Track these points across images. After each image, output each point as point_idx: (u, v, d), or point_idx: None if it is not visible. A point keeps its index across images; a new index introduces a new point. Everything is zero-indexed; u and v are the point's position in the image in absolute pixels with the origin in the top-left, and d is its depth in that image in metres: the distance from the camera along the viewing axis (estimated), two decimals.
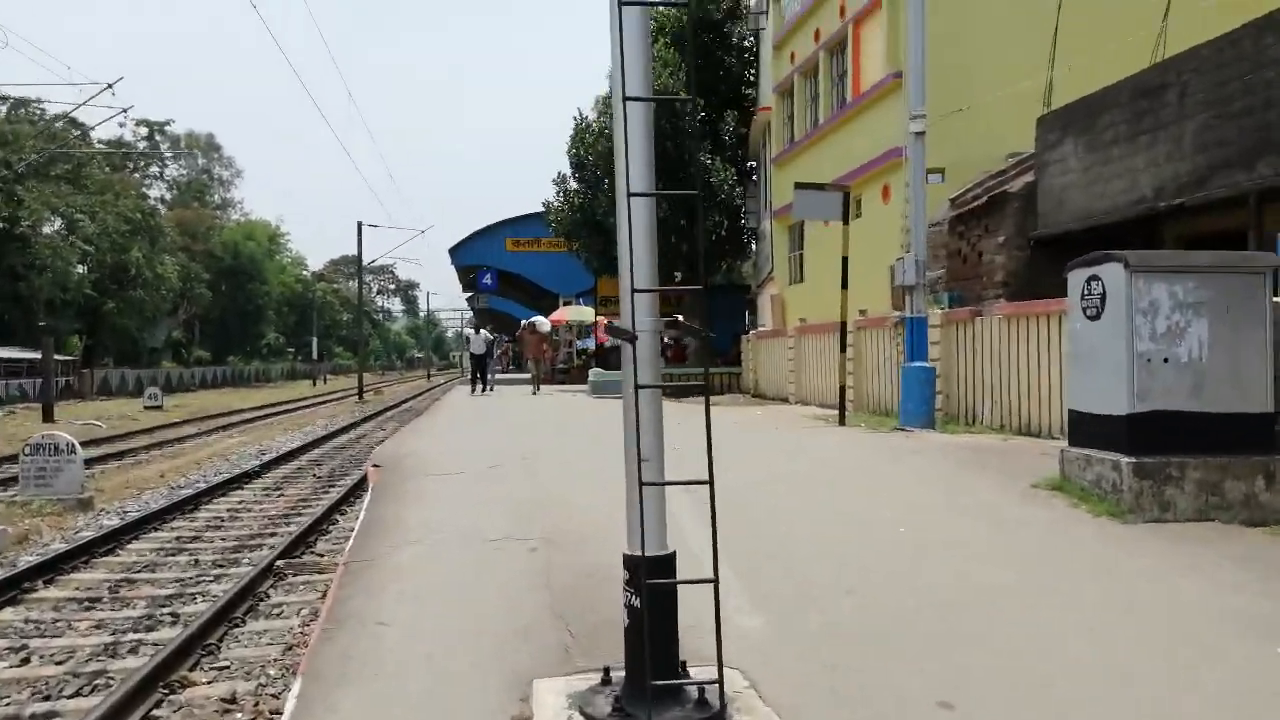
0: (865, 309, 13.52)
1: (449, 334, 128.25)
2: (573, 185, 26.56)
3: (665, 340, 32.73)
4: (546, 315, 33.61)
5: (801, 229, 19.47)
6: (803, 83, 19.46)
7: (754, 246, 28.36)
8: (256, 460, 15.01)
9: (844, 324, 11.42)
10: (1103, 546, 5.11)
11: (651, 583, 2.91)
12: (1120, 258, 5.81)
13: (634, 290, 2.91)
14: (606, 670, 3.30)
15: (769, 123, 21.71)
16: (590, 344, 36.71)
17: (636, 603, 3.05)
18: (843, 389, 11.56)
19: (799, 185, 11.23)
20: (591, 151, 24.73)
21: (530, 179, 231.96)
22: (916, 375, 10.27)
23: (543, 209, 28.85)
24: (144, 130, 63.84)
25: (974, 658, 3.50)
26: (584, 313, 34.49)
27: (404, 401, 33.55)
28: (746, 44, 24.85)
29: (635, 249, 2.91)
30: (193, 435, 21.08)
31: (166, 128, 67.62)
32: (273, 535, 8.98)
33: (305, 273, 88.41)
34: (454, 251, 40.26)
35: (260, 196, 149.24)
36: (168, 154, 71.42)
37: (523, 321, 28.10)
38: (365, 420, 24.33)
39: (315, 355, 63.57)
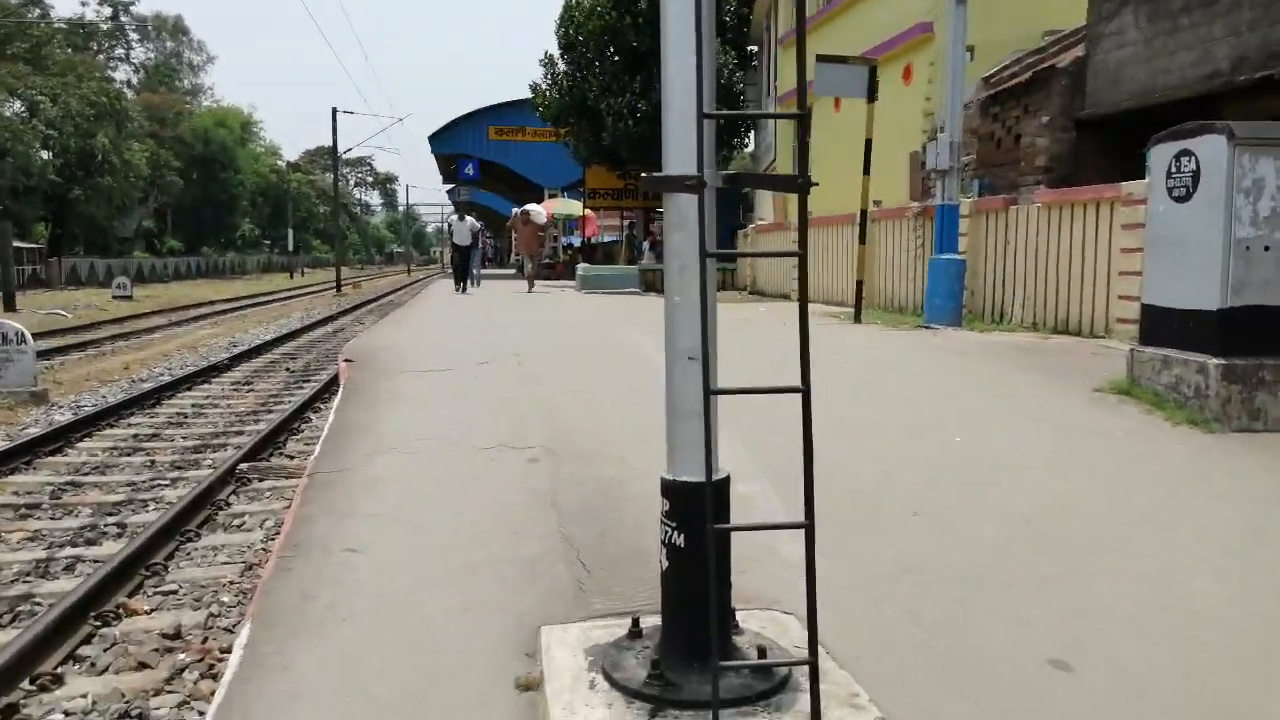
0: (880, 200, 12.57)
1: (429, 229, 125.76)
2: (561, 68, 25.01)
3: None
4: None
5: (810, 115, 18.26)
6: None
7: (752, 136, 27.08)
8: (226, 353, 14.12)
9: (864, 213, 10.49)
10: (1193, 460, 4.41)
11: (718, 528, 2.12)
12: (1222, 128, 4.97)
13: (702, 115, 1.99)
14: (635, 620, 2.57)
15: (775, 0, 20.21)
16: (576, 240, 35.48)
17: (680, 541, 2.28)
18: (860, 284, 10.70)
19: (821, 58, 10.13)
20: (582, 31, 23.13)
21: (516, 64, 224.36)
22: (946, 268, 9.41)
23: (529, 94, 27.30)
24: (108, 10, 60.42)
25: (1083, 601, 2.81)
26: (571, 206, 33.16)
27: (384, 296, 32.55)
28: None
29: (703, 59, 1.99)
30: (162, 326, 20.12)
31: (132, 8, 64.10)
32: (239, 434, 8.20)
33: (280, 163, 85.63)
34: (434, 139, 38.50)
35: (232, 85, 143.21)
36: (134, 34, 67.96)
37: (514, 210, 26.11)
38: (343, 314, 23.46)
39: (291, 247, 61.84)
